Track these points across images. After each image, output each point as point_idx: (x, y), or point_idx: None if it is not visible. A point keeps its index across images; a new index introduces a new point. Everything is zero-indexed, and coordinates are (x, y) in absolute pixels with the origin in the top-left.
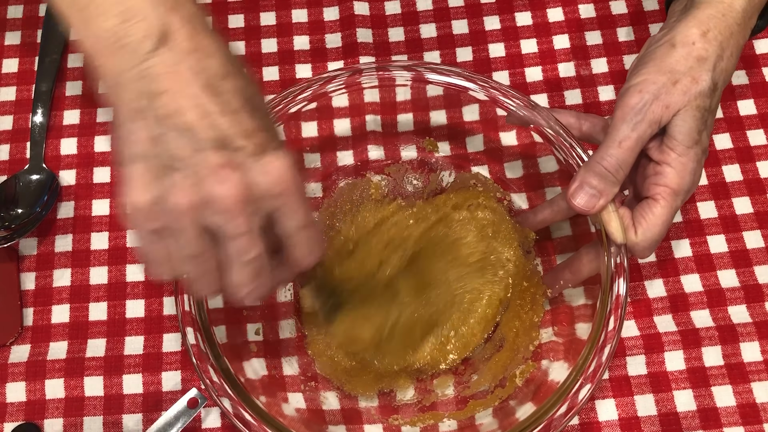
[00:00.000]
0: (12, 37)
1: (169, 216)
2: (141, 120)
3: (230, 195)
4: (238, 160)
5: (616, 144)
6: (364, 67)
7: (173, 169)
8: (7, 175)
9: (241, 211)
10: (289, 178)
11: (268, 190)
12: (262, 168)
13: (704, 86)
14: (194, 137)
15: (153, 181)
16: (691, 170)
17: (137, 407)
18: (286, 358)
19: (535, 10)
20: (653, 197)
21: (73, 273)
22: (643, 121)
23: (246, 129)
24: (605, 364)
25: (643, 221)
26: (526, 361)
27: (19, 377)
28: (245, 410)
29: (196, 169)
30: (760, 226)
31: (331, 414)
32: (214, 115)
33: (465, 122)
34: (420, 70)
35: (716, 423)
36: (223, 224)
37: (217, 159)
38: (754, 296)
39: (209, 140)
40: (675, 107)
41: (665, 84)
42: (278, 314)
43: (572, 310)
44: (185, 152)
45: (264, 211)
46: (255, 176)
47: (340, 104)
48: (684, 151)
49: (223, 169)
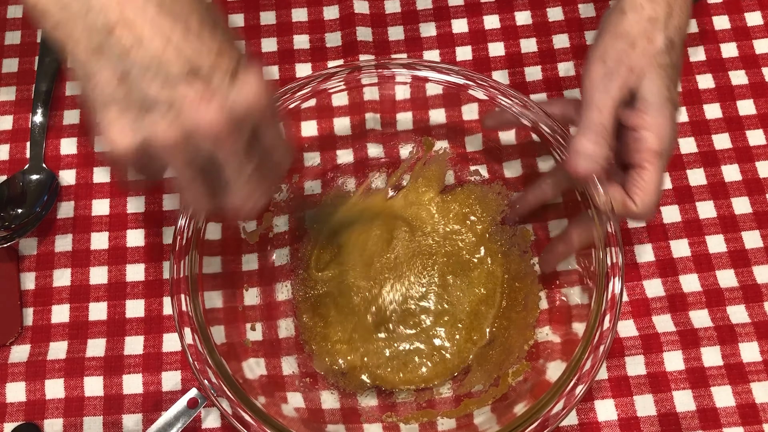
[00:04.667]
0: (12, 37)
1: (158, 151)
2: (101, 59)
3: (213, 124)
4: (213, 86)
5: (597, 110)
6: (363, 64)
7: (149, 108)
8: (7, 175)
9: (228, 135)
10: (263, 92)
11: (247, 109)
12: (238, 90)
13: (660, 45)
14: (162, 71)
15: (132, 124)
16: (668, 128)
17: (137, 407)
18: (285, 357)
19: (534, 9)
20: (639, 164)
21: (73, 273)
22: (614, 85)
23: (212, 51)
24: (600, 360)
25: (638, 191)
26: (520, 360)
27: (18, 377)
28: (243, 410)
29: (173, 105)
30: (759, 226)
31: (330, 413)
32: (177, 42)
33: (464, 121)
34: (419, 68)
35: (716, 423)
36: (213, 150)
37: (192, 90)
38: (753, 296)
39: (179, 72)
40: (639, 69)
41: (624, 49)
42: (277, 313)
43: (569, 309)
44: (157, 89)
45: (247, 128)
46: (232, 99)
47: (340, 101)
48: (658, 110)
49: (201, 100)
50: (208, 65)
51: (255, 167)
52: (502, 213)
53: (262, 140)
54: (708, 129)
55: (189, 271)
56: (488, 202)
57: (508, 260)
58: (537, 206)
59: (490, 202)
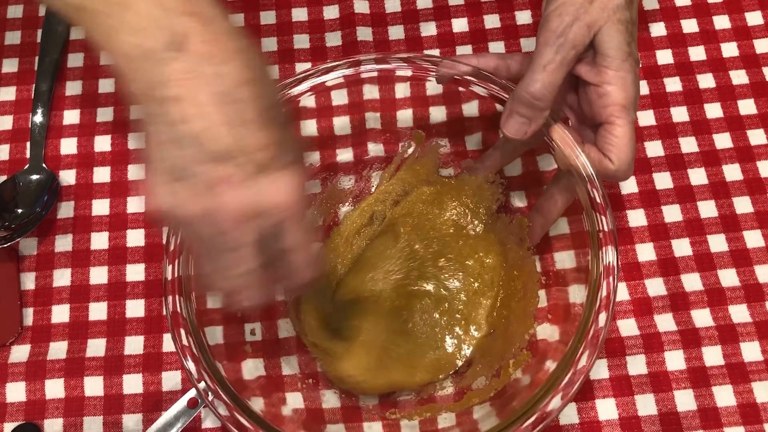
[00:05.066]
0: (12, 37)
1: (183, 218)
2: (153, 125)
3: (226, 211)
4: (239, 176)
5: (541, 68)
6: (363, 58)
7: (179, 177)
8: (7, 175)
9: (239, 225)
10: (290, 199)
11: (267, 209)
12: (264, 187)
13: (619, 0)
14: (198, 148)
15: (165, 187)
16: (631, 81)
17: (137, 407)
18: (285, 357)
19: (535, 8)
20: (608, 120)
21: (73, 273)
22: (566, 43)
23: (253, 143)
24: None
25: (612, 147)
26: (521, 350)
27: (19, 377)
28: (239, 414)
29: (198, 181)
30: (760, 226)
31: (330, 413)
32: (219, 127)
33: (465, 118)
34: (418, 62)
35: (716, 423)
36: (219, 236)
37: (218, 173)
38: (755, 296)
39: (211, 152)
40: (596, 25)
41: (582, 4)
42: (276, 313)
43: (567, 304)
44: (187, 162)
45: (262, 227)
46: (254, 194)
47: (338, 95)
48: (619, 65)
49: (222, 184)
50: (242, 156)
51: (252, 269)
52: (497, 201)
53: (280, 241)
54: (709, 128)
55: (183, 271)
56: (482, 191)
57: (505, 249)
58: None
59: (485, 191)
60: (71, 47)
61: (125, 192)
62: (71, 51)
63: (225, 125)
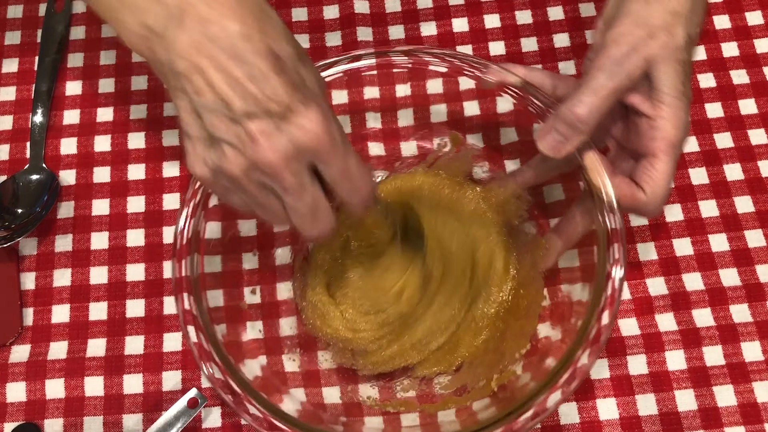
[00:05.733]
0: (12, 37)
1: (229, 181)
2: (181, 98)
3: (270, 159)
4: (269, 125)
5: (591, 91)
6: (363, 52)
7: (217, 141)
8: (7, 175)
9: (284, 170)
10: (320, 132)
11: (302, 146)
12: (294, 128)
13: (680, 41)
14: (228, 109)
15: (204, 154)
16: (683, 120)
17: (137, 407)
18: (287, 354)
19: (535, 8)
20: (653, 153)
21: (73, 273)
22: (621, 72)
23: (270, 92)
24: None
25: (649, 179)
26: (507, 367)
27: (19, 377)
28: (252, 404)
29: (236, 139)
30: (761, 225)
31: (332, 407)
32: (242, 83)
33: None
34: (419, 55)
35: (717, 423)
36: (272, 183)
37: (252, 127)
38: (756, 295)
39: (241, 110)
40: (653, 60)
41: (643, 37)
42: (278, 312)
43: (570, 305)
44: (223, 125)
45: (307, 162)
46: (288, 137)
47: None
48: (674, 102)
49: (259, 136)
50: (269, 105)
51: (315, 199)
52: (519, 218)
53: (326, 172)
54: (710, 128)
55: (191, 269)
56: (508, 204)
57: (518, 266)
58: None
59: (510, 205)
60: (71, 47)
61: (125, 192)
62: (71, 51)
63: (237, 86)
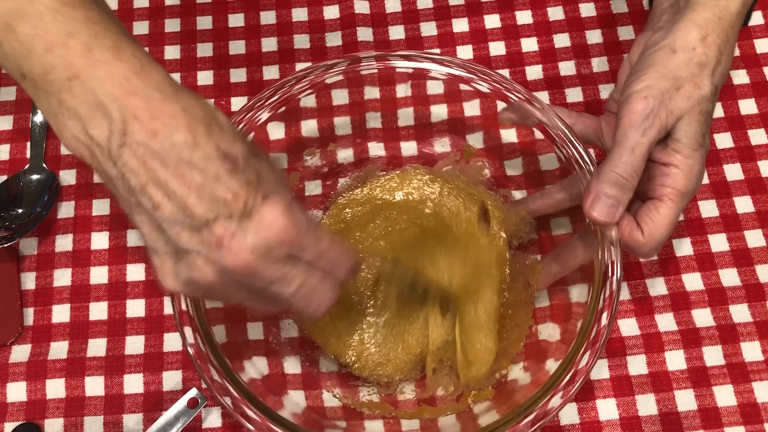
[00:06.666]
0: None
1: (206, 288)
2: (139, 215)
3: (241, 260)
4: (232, 227)
5: (629, 151)
6: (363, 56)
7: (185, 252)
8: (7, 175)
9: (258, 267)
10: (284, 223)
11: (270, 241)
12: (257, 224)
13: (706, 92)
14: (190, 218)
15: (174, 268)
16: (697, 172)
17: (138, 407)
18: (288, 356)
19: (535, 8)
20: (659, 198)
21: (74, 273)
22: (653, 127)
23: (227, 194)
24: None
25: (649, 221)
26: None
27: (19, 377)
28: (248, 407)
29: (202, 247)
30: (761, 225)
31: (332, 410)
32: (188, 198)
33: (466, 117)
34: (419, 59)
35: (717, 423)
36: (252, 282)
37: (216, 231)
38: (756, 295)
39: (202, 217)
40: (679, 112)
41: (669, 90)
42: (279, 313)
43: (569, 305)
44: (187, 235)
45: (281, 253)
46: (254, 234)
47: (339, 94)
48: (690, 153)
49: (225, 239)
50: (227, 207)
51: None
52: (519, 239)
53: (302, 257)
54: (710, 128)
55: None
56: (509, 223)
57: (510, 287)
58: (543, 213)
59: (510, 225)
60: None
61: None
62: None
63: (193, 194)
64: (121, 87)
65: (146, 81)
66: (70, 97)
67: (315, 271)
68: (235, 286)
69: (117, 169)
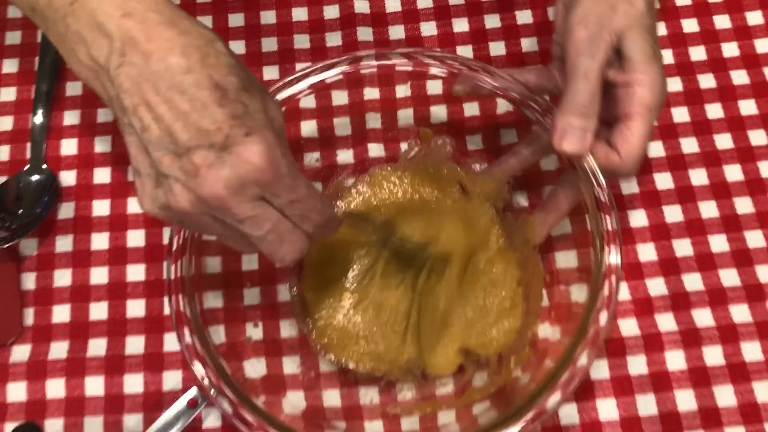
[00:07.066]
0: (12, 37)
1: (181, 216)
2: (129, 135)
3: (214, 192)
4: (210, 158)
5: (583, 78)
6: (363, 54)
7: (164, 177)
8: (7, 176)
9: (230, 202)
10: (261, 162)
11: (244, 177)
12: (234, 158)
13: (641, 7)
14: (173, 143)
15: (153, 192)
16: (659, 83)
17: (138, 407)
18: (287, 356)
19: (535, 8)
20: (628, 117)
21: (74, 273)
22: (599, 50)
23: (214, 122)
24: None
25: (623, 141)
26: (523, 347)
27: (19, 377)
28: (245, 410)
29: (181, 174)
30: (761, 226)
31: (331, 410)
32: (185, 115)
33: (465, 118)
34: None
35: (717, 423)
36: (223, 215)
37: (194, 159)
38: (756, 296)
39: (184, 143)
40: (620, 30)
41: (605, 12)
42: (279, 313)
43: (569, 305)
44: (168, 160)
45: (254, 192)
46: (230, 168)
47: (339, 90)
48: (645, 67)
49: (202, 169)
50: (209, 137)
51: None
52: (503, 201)
53: (274, 202)
54: (710, 129)
55: (186, 271)
56: (487, 189)
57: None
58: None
59: (489, 190)
60: None
61: (126, 192)
62: None
63: (179, 120)
64: (118, 8)
65: (145, 4)
66: (74, 21)
67: (285, 219)
68: (209, 218)
69: (114, 89)
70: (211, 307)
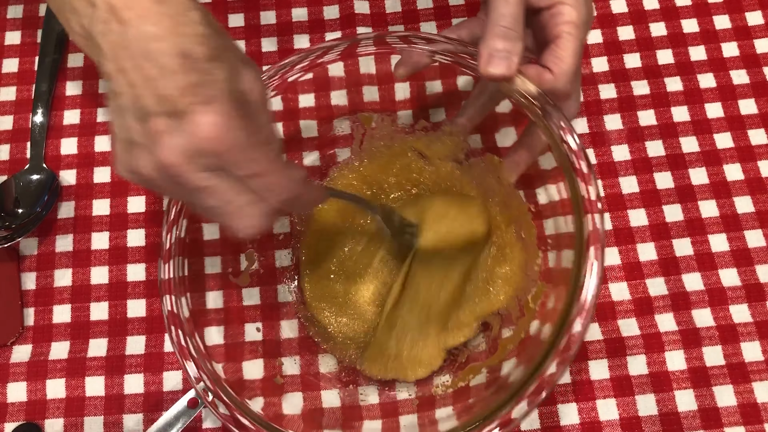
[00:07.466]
0: (12, 37)
1: (147, 181)
2: (109, 100)
3: (169, 159)
4: (169, 124)
5: (504, 2)
6: (361, 38)
7: (133, 142)
8: (7, 175)
9: (184, 171)
10: (217, 132)
11: (199, 147)
12: (191, 127)
13: None
14: (138, 110)
15: (124, 155)
16: (583, 1)
17: (138, 407)
18: (287, 357)
19: None
20: (557, 36)
21: (74, 273)
22: None
23: (175, 89)
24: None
25: (554, 59)
26: (535, 283)
27: (20, 377)
28: (240, 414)
29: (144, 139)
30: (761, 225)
31: (330, 411)
32: (140, 88)
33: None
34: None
35: (717, 423)
36: (181, 182)
37: (154, 126)
38: (756, 295)
39: (148, 110)
40: None
41: None
42: (279, 314)
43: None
44: (136, 125)
45: (209, 162)
46: (186, 136)
47: (336, 74)
48: None
49: (160, 135)
50: (167, 103)
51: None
52: (463, 150)
53: (233, 173)
54: (710, 128)
55: (178, 271)
56: (444, 147)
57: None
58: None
59: (447, 148)
60: (71, 47)
61: (126, 192)
62: (71, 51)
63: (147, 87)
64: None
65: None
66: None
67: (246, 191)
68: (171, 185)
69: (98, 57)
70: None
